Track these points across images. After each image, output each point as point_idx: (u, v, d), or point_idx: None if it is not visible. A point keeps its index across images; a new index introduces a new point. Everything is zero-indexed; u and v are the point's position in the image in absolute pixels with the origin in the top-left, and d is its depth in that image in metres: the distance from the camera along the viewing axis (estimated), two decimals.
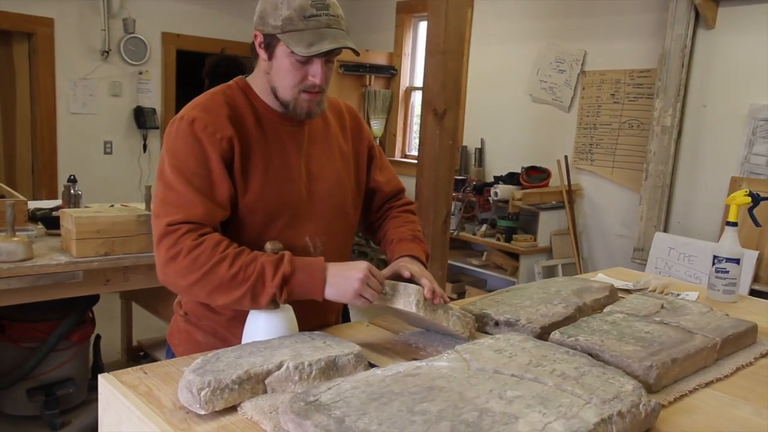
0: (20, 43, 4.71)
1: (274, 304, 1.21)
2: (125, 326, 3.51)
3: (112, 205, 2.87)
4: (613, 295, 1.62)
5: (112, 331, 3.60)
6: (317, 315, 1.40)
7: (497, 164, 4.80)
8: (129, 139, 5.12)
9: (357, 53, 1.29)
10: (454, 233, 4.45)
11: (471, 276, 4.73)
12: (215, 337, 1.35)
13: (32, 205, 3.00)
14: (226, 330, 1.33)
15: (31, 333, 2.75)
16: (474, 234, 4.42)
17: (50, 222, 2.70)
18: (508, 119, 4.73)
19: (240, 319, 1.26)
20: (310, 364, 1.07)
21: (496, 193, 4.20)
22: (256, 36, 1.28)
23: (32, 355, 2.72)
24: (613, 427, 0.91)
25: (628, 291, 1.79)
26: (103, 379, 1.12)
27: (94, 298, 2.90)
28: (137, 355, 3.50)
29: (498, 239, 4.25)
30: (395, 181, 1.58)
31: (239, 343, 1.26)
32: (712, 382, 1.18)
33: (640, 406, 0.96)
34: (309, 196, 1.36)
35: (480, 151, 4.91)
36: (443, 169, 3.00)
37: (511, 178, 4.37)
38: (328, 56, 1.26)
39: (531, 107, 4.59)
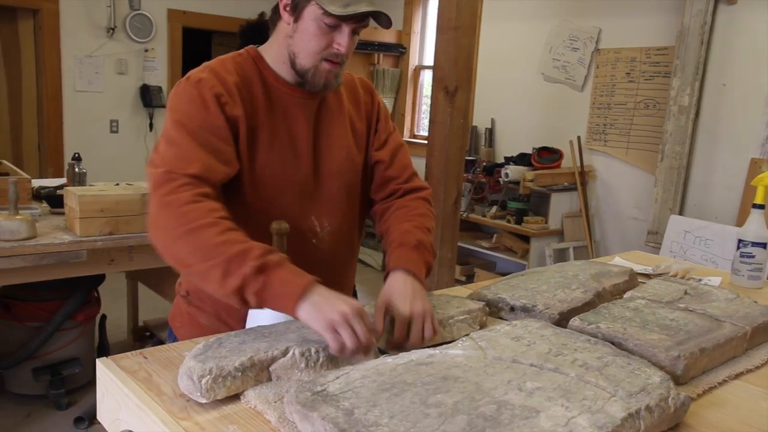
0: (25, 20, 4.65)
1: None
2: (131, 306, 3.48)
3: (117, 184, 2.82)
4: (632, 279, 1.55)
5: (118, 311, 3.58)
6: None
7: (508, 145, 4.71)
8: (135, 117, 5.07)
9: (390, 23, 1.21)
10: (464, 215, 4.39)
11: (480, 258, 4.67)
12: (219, 320, 1.30)
13: (37, 183, 2.96)
14: (229, 313, 1.28)
15: (37, 312, 2.72)
16: (484, 216, 4.36)
17: (54, 200, 2.65)
18: (520, 98, 4.64)
19: None
20: (317, 351, 1.02)
21: (506, 174, 4.13)
22: None
23: (37, 334, 2.70)
24: (641, 423, 0.85)
25: (647, 276, 1.72)
26: (101, 364, 1.07)
27: (100, 278, 2.87)
28: (143, 335, 3.48)
29: (508, 221, 4.18)
30: (404, 162, 1.40)
31: (243, 326, 1.21)
32: (742, 373, 1.11)
33: (669, 399, 0.90)
34: (316, 174, 1.30)
35: (490, 131, 4.82)
36: (454, 149, 2.92)
37: (522, 159, 4.29)
38: (360, 22, 1.19)
39: (543, 86, 4.49)
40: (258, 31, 1.35)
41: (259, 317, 1.17)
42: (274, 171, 1.24)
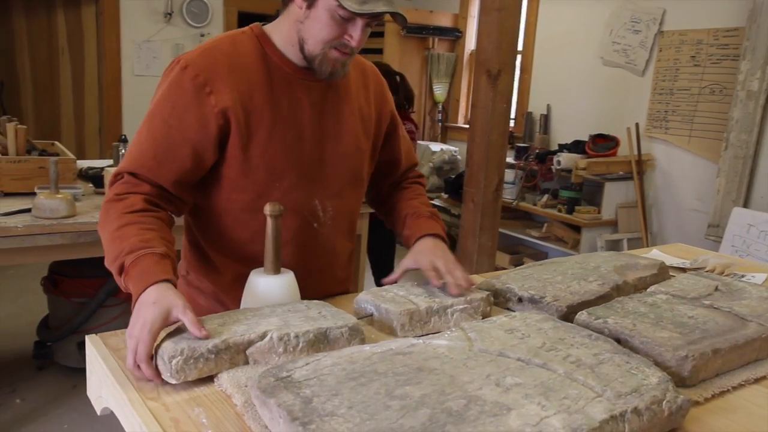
0: (88, 6, 4.81)
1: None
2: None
3: None
4: (662, 273, 1.44)
5: None
6: (324, 282, 1.31)
7: (563, 132, 4.54)
8: None
9: (405, 22, 1.17)
10: (514, 203, 4.27)
11: (531, 248, 4.54)
12: (217, 302, 1.29)
13: (86, 164, 3.05)
14: (228, 294, 1.27)
15: (82, 289, 2.81)
16: (534, 204, 4.22)
17: (99, 180, 2.73)
18: (577, 84, 4.45)
19: (242, 282, 1.18)
20: (296, 336, 0.98)
21: (558, 162, 3.97)
22: None
23: (82, 309, 2.79)
24: (626, 426, 0.77)
25: (682, 270, 1.60)
26: (89, 341, 1.08)
27: None
28: None
29: (559, 210, 4.03)
30: (411, 153, 1.50)
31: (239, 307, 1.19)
32: (763, 378, 1.01)
33: (664, 402, 0.81)
34: (321, 157, 1.26)
35: (546, 118, 4.66)
36: (496, 135, 2.82)
37: (576, 147, 4.12)
38: (375, 19, 1.14)
39: (602, 71, 4.29)
40: None
41: (251, 299, 1.15)
42: (276, 153, 1.21)
